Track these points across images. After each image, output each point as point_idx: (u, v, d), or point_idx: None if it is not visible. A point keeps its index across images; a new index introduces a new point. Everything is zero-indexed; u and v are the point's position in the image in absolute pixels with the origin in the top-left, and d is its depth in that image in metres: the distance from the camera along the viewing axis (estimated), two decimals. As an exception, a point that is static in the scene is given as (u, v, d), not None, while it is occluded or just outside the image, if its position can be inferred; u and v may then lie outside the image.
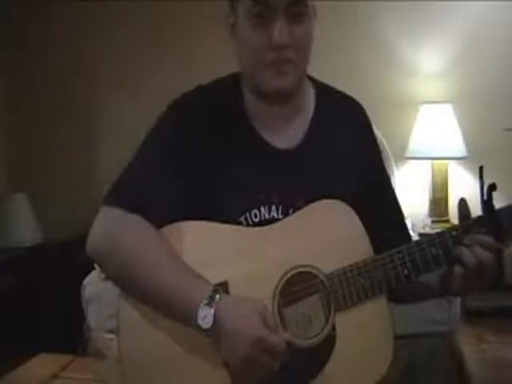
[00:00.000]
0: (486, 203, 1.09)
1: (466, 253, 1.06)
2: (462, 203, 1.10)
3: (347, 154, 1.23)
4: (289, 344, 1.06)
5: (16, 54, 3.58)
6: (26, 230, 3.34)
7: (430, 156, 3.09)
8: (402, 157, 3.21)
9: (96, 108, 3.60)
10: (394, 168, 3.15)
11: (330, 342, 1.09)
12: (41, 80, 3.59)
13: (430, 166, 3.16)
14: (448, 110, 3.10)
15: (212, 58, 2.93)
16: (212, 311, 1.01)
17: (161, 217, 1.13)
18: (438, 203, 3.06)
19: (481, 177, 1.11)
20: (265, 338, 1.00)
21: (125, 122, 3.45)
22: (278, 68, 1.13)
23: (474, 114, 3.18)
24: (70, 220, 3.30)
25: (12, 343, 2.62)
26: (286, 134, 1.21)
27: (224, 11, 1.20)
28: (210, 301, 1.02)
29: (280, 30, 1.10)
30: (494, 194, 1.10)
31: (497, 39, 3.19)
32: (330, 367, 1.08)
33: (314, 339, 1.09)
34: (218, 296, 1.03)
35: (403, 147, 3.18)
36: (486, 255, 1.06)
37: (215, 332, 1.02)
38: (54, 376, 2.05)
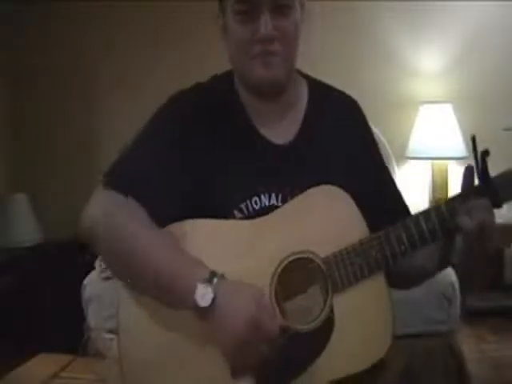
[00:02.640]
0: (481, 170, 1.08)
1: (463, 218, 1.05)
2: (469, 170, 1.08)
3: (343, 148, 1.24)
4: (287, 329, 1.06)
5: (16, 54, 3.59)
6: (26, 230, 3.34)
7: (430, 156, 3.09)
8: (402, 157, 3.22)
9: (96, 108, 3.60)
10: (395, 168, 3.16)
11: (329, 324, 1.09)
12: (41, 80, 3.59)
13: (430, 166, 3.17)
14: (448, 110, 3.10)
15: (212, 57, 2.93)
16: (211, 290, 1.01)
17: (159, 209, 1.13)
18: (438, 203, 3.06)
19: (474, 148, 1.09)
20: (259, 319, 1.00)
21: (125, 122, 3.44)
22: (264, 60, 1.15)
23: (473, 114, 3.18)
24: (70, 220, 3.28)
25: (12, 343, 2.62)
26: (282, 128, 1.22)
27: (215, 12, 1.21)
28: (210, 279, 1.02)
29: (265, 24, 1.12)
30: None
31: (497, 39, 3.20)
32: (328, 349, 1.08)
33: (313, 323, 1.09)
34: (216, 277, 1.03)
35: (403, 147, 3.18)
36: (485, 215, 1.04)
37: (211, 312, 1.02)
38: (54, 376, 2.06)
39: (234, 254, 1.12)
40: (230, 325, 1.01)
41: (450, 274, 2.21)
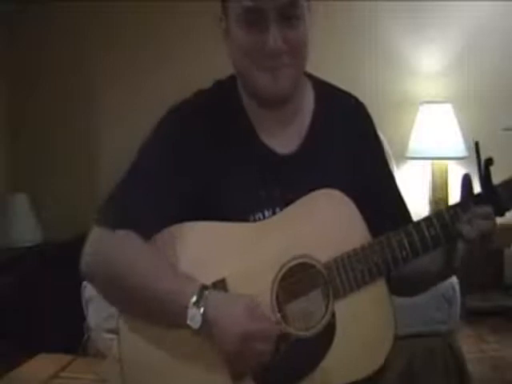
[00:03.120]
0: (484, 178, 1.08)
1: (466, 228, 1.05)
2: (467, 178, 1.08)
3: (348, 152, 1.22)
4: (289, 335, 1.06)
5: (16, 54, 3.58)
6: (26, 230, 3.34)
7: (430, 156, 3.09)
8: (402, 157, 3.22)
9: (96, 108, 3.60)
10: (394, 168, 3.16)
11: (330, 330, 1.09)
12: (41, 80, 3.58)
13: (430, 166, 3.16)
14: (448, 109, 3.10)
15: (213, 57, 2.93)
16: (200, 311, 1.02)
17: (155, 228, 1.12)
18: (438, 203, 3.06)
19: (477, 154, 1.09)
20: (252, 333, 1.01)
21: (125, 122, 3.45)
22: (273, 74, 1.12)
23: (474, 114, 3.18)
24: (70, 220, 3.30)
25: (12, 343, 2.62)
26: (286, 136, 1.20)
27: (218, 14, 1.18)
28: (198, 299, 1.03)
29: (274, 37, 1.08)
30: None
31: (497, 39, 3.20)
32: (330, 355, 1.08)
33: (314, 329, 1.09)
34: (206, 293, 1.03)
35: (403, 147, 3.18)
36: (486, 224, 1.05)
37: (206, 331, 1.03)
38: (54, 376, 2.06)
39: (236, 256, 1.11)
40: (224, 338, 1.02)
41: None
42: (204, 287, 1.04)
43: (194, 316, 1.02)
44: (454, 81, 3.25)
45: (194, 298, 1.03)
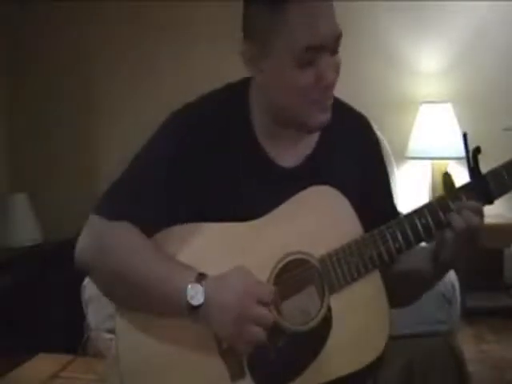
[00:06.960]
0: (473, 167, 1.10)
1: (455, 217, 1.07)
2: (447, 177, 1.11)
3: (351, 169, 1.22)
4: (286, 331, 1.07)
5: (16, 54, 3.59)
6: (26, 230, 3.34)
7: (430, 156, 3.10)
8: (402, 157, 3.22)
9: (96, 108, 3.60)
10: (394, 168, 3.16)
11: (326, 324, 1.09)
12: (41, 80, 3.59)
13: (430, 165, 3.17)
14: (448, 109, 3.11)
15: (214, 54, 2.94)
16: (202, 288, 1.03)
17: (151, 227, 1.13)
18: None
19: (465, 145, 1.11)
20: (252, 293, 1.03)
21: (125, 122, 3.46)
22: (324, 105, 1.12)
23: (474, 114, 3.18)
24: (70, 220, 3.30)
25: (12, 343, 2.62)
26: (294, 152, 1.20)
27: (239, 45, 1.11)
28: (199, 279, 1.04)
29: (331, 71, 1.09)
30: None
31: (497, 39, 3.20)
32: (327, 349, 1.08)
33: (310, 323, 1.09)
34: (203, 278, 1.05)
35: (403, 147, 3.18)
36: (475, 218, 1.06)
37: (204, 309, 1.03)
38: (54, 376, 2.05)
39: (232, 255, 1.12)
40: (224, 313, 1.02)
41: (449, 273, 2.21)
42: (201, 274, 1.05)
43: (196, 294, 1.03)
44: (454, 81, 3.25)
45: (194, 279, 1.04)
